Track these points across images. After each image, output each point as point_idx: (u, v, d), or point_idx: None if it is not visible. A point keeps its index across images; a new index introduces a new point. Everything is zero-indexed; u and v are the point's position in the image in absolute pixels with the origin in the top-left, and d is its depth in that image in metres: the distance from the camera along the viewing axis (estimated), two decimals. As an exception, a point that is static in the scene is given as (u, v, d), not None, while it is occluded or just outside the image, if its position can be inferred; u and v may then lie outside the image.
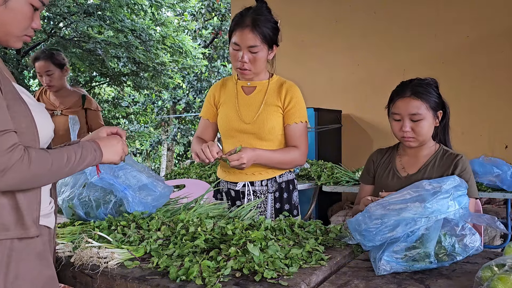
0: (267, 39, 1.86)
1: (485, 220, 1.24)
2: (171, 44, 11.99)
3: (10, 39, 1.13)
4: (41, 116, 1.14)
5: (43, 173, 1.06)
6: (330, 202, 4.75)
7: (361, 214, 1.26)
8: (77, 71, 12.40)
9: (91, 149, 1.19)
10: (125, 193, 1.63)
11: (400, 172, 1.76)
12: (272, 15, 1.90)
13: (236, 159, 1.80)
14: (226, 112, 1.99)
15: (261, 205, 1.98)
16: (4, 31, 1.11)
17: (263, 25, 1.84)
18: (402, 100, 1.67)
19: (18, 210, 1.06)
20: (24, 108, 1.08)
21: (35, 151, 1.05)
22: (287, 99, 1.94)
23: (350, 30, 4.95)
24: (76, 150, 1.14)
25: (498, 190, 2.94)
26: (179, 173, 3.89)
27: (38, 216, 1.12)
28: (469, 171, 1.69)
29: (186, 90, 15.81)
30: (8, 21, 1.09)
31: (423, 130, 1.66)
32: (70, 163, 1.11)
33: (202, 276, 1.12)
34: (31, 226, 1.08)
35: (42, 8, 1.16)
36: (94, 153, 1.19)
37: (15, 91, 1.08)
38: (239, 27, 1.85)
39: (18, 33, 1.13)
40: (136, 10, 11.26)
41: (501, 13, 4.17)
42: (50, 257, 1.18)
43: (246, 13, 1.86)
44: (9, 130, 1.01)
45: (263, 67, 1.94)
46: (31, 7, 1.12)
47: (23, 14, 1.11)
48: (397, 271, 1.21)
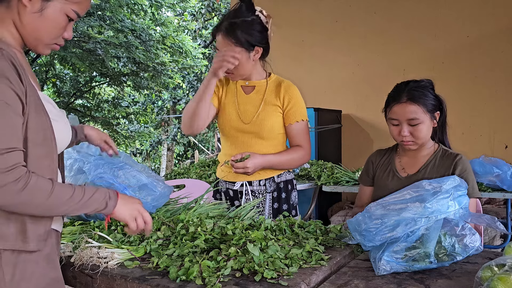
0: (241, 42, 1.82)
1: (485, 220, 1.24)
2: (171, 44, 12.00)
3: (39, 45, 1.14)
4: (61, 126, 1.14)
5: (34, 203, 1.00)
6: (330, 202, 4.75)
7: (361, 214, 1.26)
8: (77, 71, 12.41)
9: (105, 197, 1.12)
10: (125, 193, 1.63)
11: (400, 173, 1.76)
12: (253, 15, 1.85)
13: (241, 167, 1.81)
14: (227, 110, 1.98)
15: (259, 205, 1.98)
16: (35, 36, 1.11)
17: (238, 28, 1.81)
18: (398, 105, 1.66)
19: (23, 223, 1.04)
20: (45, 119, 1.07)
21: (37, 179, 1.00)
22: (286, 99, 1.94)
23: (350, 30, 4.95)
24: (87, 191, 1.08)
25: (498, 190, 2.94)
26: (179, 173, 3.89)
27: (47, 230, 1.09)
28: (470, 171, 1.68)
29: (186, 90, 15.82)
30: (41, 28, 1.10)
31: (422, 133, 1.66)
32: (72, 203, 1.05)
33: (202, 276, 1.12)
34: (32, 241, 1.05)
35: (76, 19, 1.16)
36: (107, 200, 1.12)
37: (39, 101, 1.07)
38: (217, 31, 1.85)
39: (48, 41, 1.13)
40: (136, 10, 11.27)
41: (501, 13, 4.16)
42: (56, 259, 1.17)
43: (224, 17, 1.86)
44: (15, 149, 0.98)
45: (248, 69, 1.91)
46: (66, 17, 1.12)
47: (57, 23, 1.11)
48: (397, 271, 1.21)
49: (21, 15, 1.08)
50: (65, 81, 13.24)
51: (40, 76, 12.54)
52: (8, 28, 1.09)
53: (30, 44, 1.13)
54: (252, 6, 1.87)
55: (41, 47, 1.14)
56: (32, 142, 1.04)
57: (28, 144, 1.03)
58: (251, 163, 1.82)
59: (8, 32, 1.10)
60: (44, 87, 13.24)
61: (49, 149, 1.08)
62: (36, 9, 1.07)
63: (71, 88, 13.24)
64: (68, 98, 13.10)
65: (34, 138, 1.04)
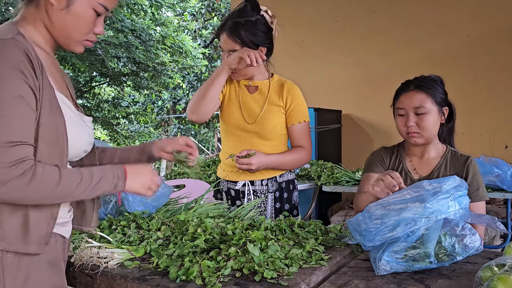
0: (246, 41, 1.81)
1: (485, 220, 1.24)
2: (171, 44, 12.01)
3: (71, 43, 1.13)
4: (76, 130, 1.12)
5: (42, 194, 1.00)
6: (330, 202, 4.75)
7: (361, 214, 1.26)
8: (77, 71, 12.41)
9: (113, 176, 1.11)
10: (125, 193, 1.63)
11: (413, 174, 1.72)
12: (258, 15, 1.84)
13: (245, 164, 1.81)
14: (231, 108, 1.97)
15: (261, 204, 1.98)
16: (65, 34, 1.11)
17: (242, 28, 1.80)
18: (406, 94, 1.65)
19: (25, 224, 1.03)
20: (59, 119, 1.06)
21: (43, 170, 0.99)
22: (289, 100, 1.94)
23: (350, 30, 4.95)
24: (95, 174, 1.07)
25: (498, 190, 2.94)
26: (179, 173, 3.89)
27: (49, 232, 1.08)
28: (479, 173, 1.66)
29: (186, 90, 15.81)
30: (70, 25, 1.09)
31: (428, 125, 1.62)
32: (82, 187, 1.04)
33: (202, 276, 1.12)
34: (32, 243, 1.04)
35: (105, 14, 1.15)
36: (115, 181, 1.11)
37: (54, 101, 1.06)
38: (222, 31, 1.84)
39: (78, 37, 1.13)
40: (136, 10, 11.28)
41: (501, 13, 4.16)
42: (62, 265, 1.15)
43: (229, 16, 1.85)
44: (24, 143, 0.97)
45: (252, 69, 1.90)
46: (93, 12, 1.11)
47: (85, 19, 1.11)
48: (397, 271, 1.21)
49: (49, 13, 1.08)
50: (65, 81, 13.20)
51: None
52: (39, 29, 1.10)
53: (62, 43, 1.13)
54: (257, 6, 1.86)
55: (73, 45, 1.14)
56: (42, 139, 1.02)
57: (39, 142, 1.02)
58: (256, 160, 1.82)
59: (39, 34, 1.10)
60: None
61: (60, 150, 1.06)
62: (62, 5, 1.07)
63: (71, 88, 13.20)
64: (68, 98, 13.05)
65: (45, 136, 1.03)
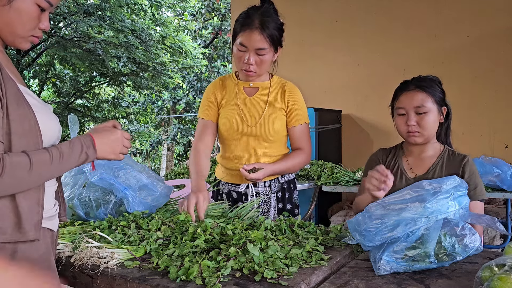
0: (274, 41, 1.82)
1: (485, 220, 1.24)
2: (171, 44, 12.00)
3: (16, 40, 1.12)
4: (46, 118, 1.12)
5: (18, 181, 1.01)
6: (330, 202, 4.75)
7: (361, 214, 1.26)
8: (77, 71, 12.41)
9: (81, 146, 1.12)
10: (125, 193, 1.63)
11: (408, 173, 1.73)
12: (279, 17, 1.85)
13: (255, 178, 1.80)
14: (229, 114, 1.94)
15: (264, 205, 1.98)
16: (9, 31, 1.10)
17: (272, 27, 1.79)
18: (406, 93, 1.66)
19: (17, 213, 1.04)
20: (28, 110, 1.07)
21: (12, 157, 1.00)
22: (290, 101, 1.93)
23: (351, 30, 4.95)
24: (63, 149, 1.09)
25: (498, 190, 2.94)
26: (179, 173, 3.90)
27: (40, 220, 1.09)
28: (477, 173, 1.66)
29: (186, 90, 15.81)
30: (13, 21, 1.08)
31: (428, 124, 1.64)
32: (54, 166, 1.06)
33: (202, 276, 1.12)
34: (29, 230, 1.06)
35: (50, 9, 1.14)
36: (85, 151, 1.13)
37: (19, 93, 1.07)
38: (247, 28, 1.77)
39: (23, 33, 1.12)
40: (136, 10, 11.27)
41: (501, 13, 4.16)
42: (52, 259, 1.17)
43: (254, 14, 1.78)
44: None
45: (268, 69, 1.92)
46: (37, 7, 1.11)
47: (29, 14, 1.10)
48: (397, 271, 1.21)
49: None
50: (65, 81, 13.23)
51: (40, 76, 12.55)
52: None
53: (7, 40, 1.12)
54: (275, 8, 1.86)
55: (18, 41, 1.13)
56: (16, 134, 1.03)
57: (12, 136, 1.03)
58: (263, 174, 1.81)
59: None
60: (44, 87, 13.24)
61: (34, 139, 1.07)
62: (4, 1, 1.06)
63: (71, 88, 13.23)
64: (68, 98, 13.08)
65: (18, 130, 1.04)
